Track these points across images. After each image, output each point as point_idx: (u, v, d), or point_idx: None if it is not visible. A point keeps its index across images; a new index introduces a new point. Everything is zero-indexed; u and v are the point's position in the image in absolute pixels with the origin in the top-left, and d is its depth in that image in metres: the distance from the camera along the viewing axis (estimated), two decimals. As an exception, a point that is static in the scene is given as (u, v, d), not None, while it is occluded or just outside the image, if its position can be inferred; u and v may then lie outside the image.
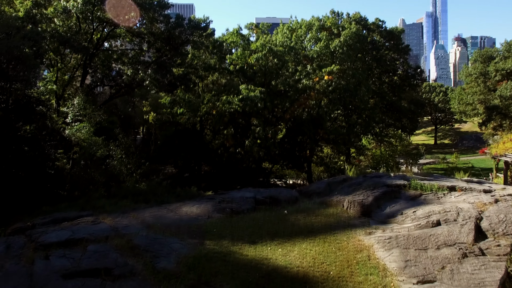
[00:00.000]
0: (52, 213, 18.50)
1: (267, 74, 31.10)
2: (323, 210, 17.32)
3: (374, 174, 24.04)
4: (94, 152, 36.87)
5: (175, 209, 17.66)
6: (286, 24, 58.24)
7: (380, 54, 56.00)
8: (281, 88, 29.30)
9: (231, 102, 27.87)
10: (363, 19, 58.78)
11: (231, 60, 30.97)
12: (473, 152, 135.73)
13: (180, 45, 45.50)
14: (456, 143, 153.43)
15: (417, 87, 63.72)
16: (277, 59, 30.27)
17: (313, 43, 53.01)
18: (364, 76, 52.52)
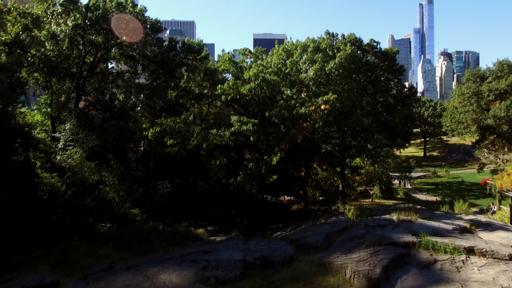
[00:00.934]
0: (11, 279, 15.28)
1: (260, 104, 28.00)
2: (322, 278, 14.09)
3: (377, 221, 20.79)
4: (87, 178, 34.52)
5: (152, 277, 14.43)
6: (282, 45, 55.34)
7: (375, 75, 53.09)
8: (275, 120, 26.14)
9: (223, 136, 24.71)
10: (358, 40, 55.99)
11: (222, 90, 27.81)
12: (461, 165, 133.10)
13: (174, 68, 42.63)
14: (445, 155, 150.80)
15: (410, 106, 60.73)
16: (271, 89, 27.14)
17: (308, 65, 50.05)
18: (359, 98, 49.64)
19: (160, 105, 36.82)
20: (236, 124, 24.78)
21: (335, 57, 50.88)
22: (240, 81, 28.43)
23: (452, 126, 72.29)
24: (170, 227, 29.53)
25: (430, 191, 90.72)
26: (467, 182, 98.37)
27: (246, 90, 26.55)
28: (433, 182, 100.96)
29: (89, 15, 34.36)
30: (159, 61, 41.35)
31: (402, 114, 63.09)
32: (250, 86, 26.48)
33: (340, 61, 49.23)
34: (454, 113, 70.12)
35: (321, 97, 29.74)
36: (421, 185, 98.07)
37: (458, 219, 23.75)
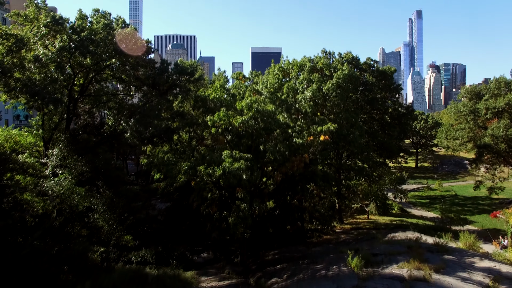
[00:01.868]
0: None
1: (254, 136, 24.42)
2: None
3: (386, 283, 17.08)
4: (76, 206, 31.44)
5: None
6: (278, 64, 52.01)
7: (372, 94, 49.72)
8: (271, 157, 22.53)
9: (212, 175, 21.12)
10: (355, 58, 52.67)
11: (212, 122, 24.23)
12: (453, 177, 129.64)
13: (166, 91, 39.12)
14: (436, 167, 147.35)
15: (407, 125, 57.31)
16: (265, 121, 23.57)
17: (305, 85, 46.65)
18: (357, 119, 46.18)
19: (150, 131, 33.21)
20: (227, 161, 21.19)
21: (332, 77, 47.60)
22: (232, 111, 24.85)
23: (447, 143, 68.86)
24: (157, 269, 25.93)
25: (425, 206, 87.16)
26: (460, 196, 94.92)
27: (238, 123, 23.03)
28: (427, 196, 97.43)
29: (74, 37, 30.81)
30: (151, 83, 37.90)
31: (398, 130, 59.80)
32: (242, 118, 22.96)
33: (338, 81, 45.94)
34: (450, 130, 66.71)
35: (320, 126, 26.19)
36: (415, 199, 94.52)
37: (474, 270, 20.11)
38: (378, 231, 48.16)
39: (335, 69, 48.39)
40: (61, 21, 32.61)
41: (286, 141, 25.44)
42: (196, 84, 38.96)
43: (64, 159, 35.36)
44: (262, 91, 47.60)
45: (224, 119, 23.48)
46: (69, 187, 31.11)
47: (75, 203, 31.16)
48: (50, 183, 31.17)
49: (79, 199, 31.42)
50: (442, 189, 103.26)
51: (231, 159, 21.50)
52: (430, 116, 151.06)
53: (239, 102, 24.51)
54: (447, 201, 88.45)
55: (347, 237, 52.46)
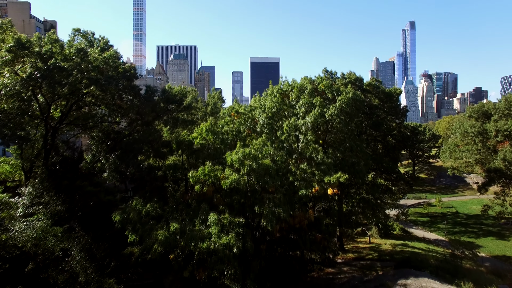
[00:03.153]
0: None
1: (248, 195, 18.98)
2: None
3: None
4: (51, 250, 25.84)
5: None
6: (276, 86, 46.69)
7: (377, 118, 44.35)
8: (268, 227, 17.07)
9: (194, 252, 15.67)
10: (359, 79, 47.39)
11: (194, 179, 18.81)
12: (452, 191, 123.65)
13: (151, 121, 33.73)
14: (434, 179, 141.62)
15: (413, 147, 51.88)
16: (261, 182, 18.11)
17: (306, 109, 41.25)
18: (362, 147, 40.83)
19: (130, 172, 27.75)
20: (214, 232, 15.71)
21: (335, 100, 42.25)
22: (220, 167, 19.36)
23: (452, 164, 63.40)
24: None
25: (426, 225, 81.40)
26: (461, 214, 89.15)
27: (227, 185, 17.60)
28: (427, 213, 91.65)
29: (40, 65, 25.43)
30: (135, 112, 32.51)
31: (404, 156, 54.39)
32: (232, 178, 17.52)
33: (341, 105, 40.57)
34: (455, 151, 61.24)
35: (328, 176, 20.78)
36: (415, 217, 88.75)
37: None
38: (385, 270, 42.63)
39: (338, 92, 43.02)
40: (28, 45, 27.23)
41: (287, 196, 19.87)
42: (186, 112, 33.54)
43: (40, 197, 30.62)
44: (260, 117, 42.24)
45: (211, 175, 18.10)
46: (43, 229, 26.79)
47: (51, 247, 26.79)
48: (21, 225, 26.70)
49: (55, 242, 27.05)
50: (442, 205, 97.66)
51: (218, 227, 16.04)
52: (427, 129, 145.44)
53: (230, 154, 19.08)
54: (448, 220, 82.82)
55: (350, 270, 46.86)
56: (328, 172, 21.72)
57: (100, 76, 30.09)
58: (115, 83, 29.36)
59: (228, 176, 17.70)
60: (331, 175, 21.01)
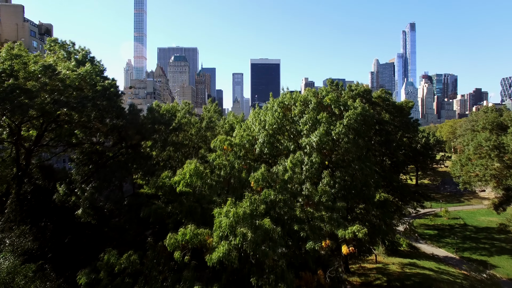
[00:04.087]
0: None
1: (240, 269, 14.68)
2: None
3: None
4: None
5: None
6: (277, 99, 42.37)
7: (388, 135, 40.07)
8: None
9: None
10: (367, 91, 43.16)
11: (172, 245, 14.57)
12: (458, 199, 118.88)
13: (137, 144, 29.43)
14: (438, 186, 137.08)
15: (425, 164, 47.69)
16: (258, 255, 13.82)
17: (310, 127, 36.99)
18: (372, 168, 36.60)
19: (107, 208, 23.48)
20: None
21: (342, 116, 38.07)
22: (207, 229, 15.09)
23: (464, 178, 58.96)
24: None
25: (434, 239, 76.81)
26: (470, 226, 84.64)
27: (213, 261, 13.34)
28: (434, 225, 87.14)
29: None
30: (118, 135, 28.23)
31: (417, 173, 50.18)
32: (219, 253, 13.24)
33: (349, 122, 36.37)
34: (468, 165, 56.84)
35: (342, 229, 16.54)
36: (421, 229, 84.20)
37: None
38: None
39: (345, 106, 38.79)
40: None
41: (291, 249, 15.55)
42: (174, 133, 29.25)
43: (9, 230, 26.76)
44: (259, 134, 38.01)
45: (194, 241, 13.89)
46: (10, 270, 22.89)
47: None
48: (-17, 267, 22.59)
49: (25, 284, 23.01)
50: (449, 215, 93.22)
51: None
52: (431, 134, 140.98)
53: (219, 212, 14.82)
54: (457, 234, 78.40)
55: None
56: (341, 223, 17.43)
57: (79, 93, 25.86)
58: (92, 104, 25.14)
59: (214, 254, 13.36)
60: (345, 227, 16.75)
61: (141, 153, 28.85)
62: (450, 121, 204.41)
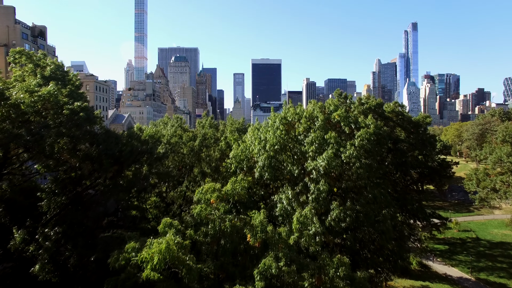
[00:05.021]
0: None
1: None
2: None
3: None
4: None
5: None
6: (280, 114, 37.80)
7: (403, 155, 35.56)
8: None
9: None
10: (379, 104, 38.65)
11: None
12: (466, 208, 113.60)
13: (115, 175, 24.91)
14: (445, 193, 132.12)
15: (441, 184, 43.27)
16: None
17: (317, 148, 32.47)
18: (387, 196, 32.17)
19: (73, 264, 18.96)
20: None
21: (353, 135, 33.60)
22: None
23: (480, 194, 54.35)
24: None
25: (445, 256, 71.96)
26: (483, 241, 79.79)
27: None
28: (444, 239, 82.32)
29: None
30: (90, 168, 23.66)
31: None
32: None
33: (362, 143, 31.85)
34: (486, 182, 52.23)
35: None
36: (431, 243, 79.45)
37: None
38: None
39: (356, 124, 34.22)
40: None
41: None
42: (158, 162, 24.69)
43: None
44: (259, 156, 33.55)
45: None
46: None
47: None
48: None
49: None
50: (459, 227, 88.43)
51: None
52: (437, 139, 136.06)
53: None
54: (470, 249, 73.68)
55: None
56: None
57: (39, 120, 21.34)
58: (56, 132, 20.71)
59: None
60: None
61: (119, 186, 24.37)
62: (456, 124, 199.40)
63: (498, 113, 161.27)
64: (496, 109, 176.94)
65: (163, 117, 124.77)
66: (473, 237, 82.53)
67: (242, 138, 41.41)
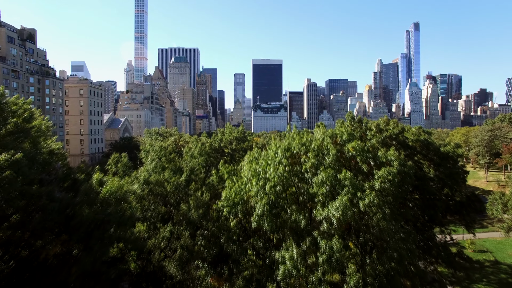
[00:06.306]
0: None
1: None
2: None
3: None
4: None
5: None
6: (282, 143, 31.54)
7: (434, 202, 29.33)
8: None
9: None
10: (401, 130, 32.24)
11: None
12: (479, 223, 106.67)
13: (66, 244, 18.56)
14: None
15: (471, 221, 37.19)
16: None
17: (328, 191, 26.34)
18: (415, 252, 26.04)
19: None
20: None
21: (372, 173, 27.39)
22: None
23: (509, 223, 48.00)
24: None
25: (463, 284, 65.38)
26: (504, 265, 73.24)
27: None
28: (460, 261, 75.76)
29: None
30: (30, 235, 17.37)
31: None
32: None
33: (383, 186, 25.70)
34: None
35: None
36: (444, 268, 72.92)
37: None
38: None
39: (376, 159, 27.95)
40: None
41: None
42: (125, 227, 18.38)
43: None
44: (258, 200, 27.36)
45: None
46: None
47: None
48: None
49: None
50: (475, 248, 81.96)
51: None
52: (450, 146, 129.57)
53: None
54: (489, 275, 67.20)
55: None
56: None
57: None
58: None
59: None
60: None
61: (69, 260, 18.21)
62: (463, 129, 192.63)
63: (508, 119, 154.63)
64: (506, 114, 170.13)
65: (162, 117, 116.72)
66: (491, 260, 76.00)
67: (237, 168, 35.26)
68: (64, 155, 25.72)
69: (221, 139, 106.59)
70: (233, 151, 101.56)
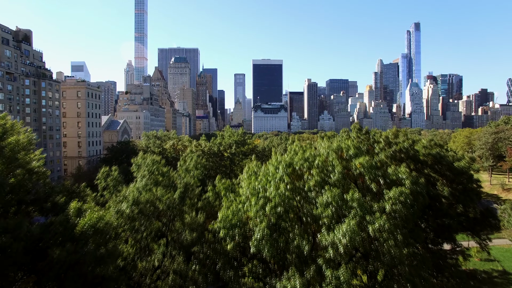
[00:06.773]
0: None
1: None
2: None
3: None
4: None
5: None
6: (283, 158, 29.20)
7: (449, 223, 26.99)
8: None
9: None
10: (412, 144, 29.87)
11: None
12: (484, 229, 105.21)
13: None
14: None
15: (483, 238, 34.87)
16: None
17: (334, 213, 24.07)
18: (429, 281, 23.74)
19: None
20: None
21: (382, 193, 25.02)
22: None
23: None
24: None
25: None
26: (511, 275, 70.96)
27: None
28: (465, 271, 73.34)
29: None
30: None
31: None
32: None
33: (394, 208, 23.39)
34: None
35: None
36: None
37: None
38: None
39: (385, 178, 25.60)
40: None
41: None
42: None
43: None
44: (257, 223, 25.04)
45: None
46: None
47: None
48: None
49: None
50: (481, 256, 79.57)
51: None
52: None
53: None
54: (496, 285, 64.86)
55: None
56: None
57: None
58: None
59: None
60: None
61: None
62: (465, 131, 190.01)
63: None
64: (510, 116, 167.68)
65: (161, 118, 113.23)
66: (499, 270, 73.62)
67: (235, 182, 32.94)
68: (45, 174, 23.40)
69: (221, 142, 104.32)
70: (232, 155, 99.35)
